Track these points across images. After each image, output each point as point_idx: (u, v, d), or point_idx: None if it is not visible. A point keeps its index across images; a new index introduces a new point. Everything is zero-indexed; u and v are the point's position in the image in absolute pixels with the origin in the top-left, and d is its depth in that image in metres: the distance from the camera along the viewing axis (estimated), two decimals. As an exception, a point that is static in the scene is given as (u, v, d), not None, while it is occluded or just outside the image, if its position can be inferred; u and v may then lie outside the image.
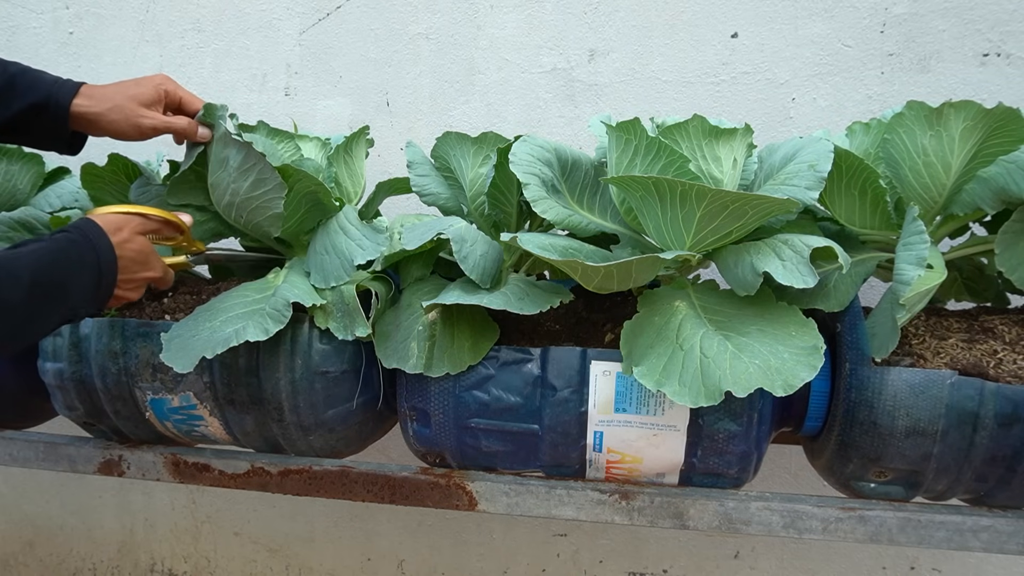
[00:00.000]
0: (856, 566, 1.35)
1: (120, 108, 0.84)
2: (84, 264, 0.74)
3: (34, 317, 0.69)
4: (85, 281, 0.74)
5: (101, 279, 0.75)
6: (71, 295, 0.72)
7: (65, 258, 0.72)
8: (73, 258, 0.73)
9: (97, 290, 0.75)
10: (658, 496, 0.81)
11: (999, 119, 0.72)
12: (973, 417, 0.72)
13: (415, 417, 0.86)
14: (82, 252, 0.74)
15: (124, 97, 0.84)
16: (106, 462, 0.98)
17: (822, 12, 1.15)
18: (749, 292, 0.75)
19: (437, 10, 1.30)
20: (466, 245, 0.82)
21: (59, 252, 0.72)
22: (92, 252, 0.74)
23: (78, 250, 0.74)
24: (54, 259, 0.71)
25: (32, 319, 0.69)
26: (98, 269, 0.75)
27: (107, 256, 0.76)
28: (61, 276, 0.71)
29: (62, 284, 0.71)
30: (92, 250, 0.74)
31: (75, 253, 0.73)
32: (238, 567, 1.71)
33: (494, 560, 1.53)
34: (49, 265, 0.70)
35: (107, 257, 0.76)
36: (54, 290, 0.70)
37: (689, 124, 0.78)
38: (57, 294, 0.71)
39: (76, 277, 0.73)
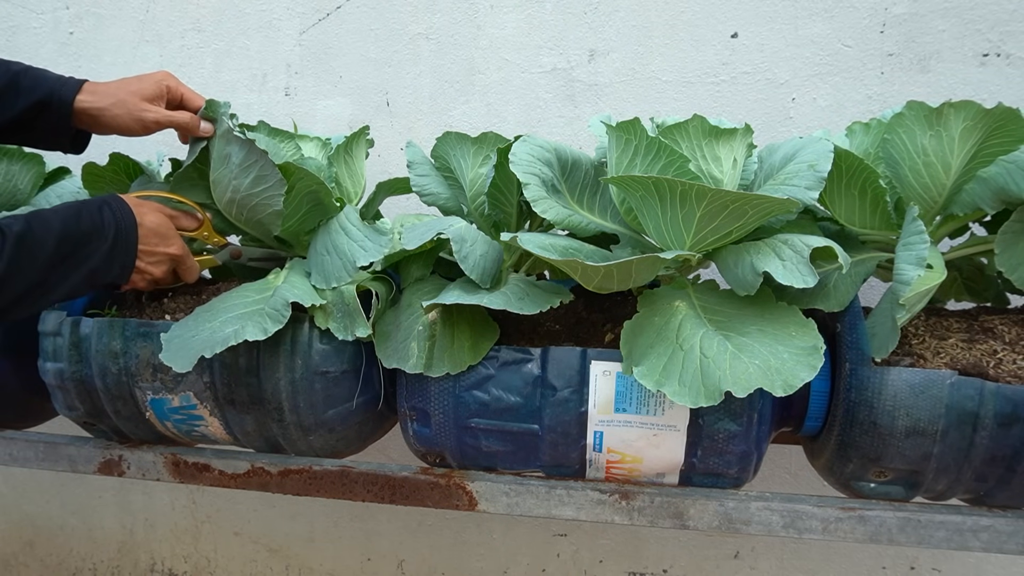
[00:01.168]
0: (856, 566, 1.35)
1: (123, 103, 0.85)
2: (105, 225, 0.79)
3: (61, 270, 0.75)
4: (106, 244, 0.79)
5: (121, 242, 0.80)
6: (93, 255, 0.78)
7: (89, 217, 0.78)
8: (96, 219, 0.78)
9: (113, 255, 0.79)
10: (658, 496, 0.81)
11: (999, 119, 0.72)
12: (973, 417, 0.72)
13: (415, 417, 0.86)
14: (103, 215, 0.79)
15: (126, 92, 0.85)
16: (106, 462, 0.98)
17: (822, 12, 1.15)
18: (749, 292, 0.75)
19: (437, 10, 1.30)
20: (466, 245, 0.82)
21: (84, 210, 0.78)
22: (112, 216, 0.80)
23: (100, 212, 0.79)
24: (79, 217, 0.77)
25: (59, 272, 0.75)
26: (117, 231, 0.79)
27: (127, 221, 0.81)
28: (85, 234, 0.77)
29: (86, 242, 0.77)
30: (112, 214, 0.80)
31: (97, 215, 0.79)
32: (238, 567, 1.71)
33: (494, 560, 1.53)
34: (75, 221, 0.76)
35: (127, 222, 0.81)
36: (79, 247, 0.76)
37: (689, 124, 0.78)
38: (82, 252, 0.77)
39: (98, 237, 0.78)
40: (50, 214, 0.76)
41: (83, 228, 0.77)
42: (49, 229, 0.74)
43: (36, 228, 0.73)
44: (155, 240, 0.84)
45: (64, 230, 0.75)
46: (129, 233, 0.81)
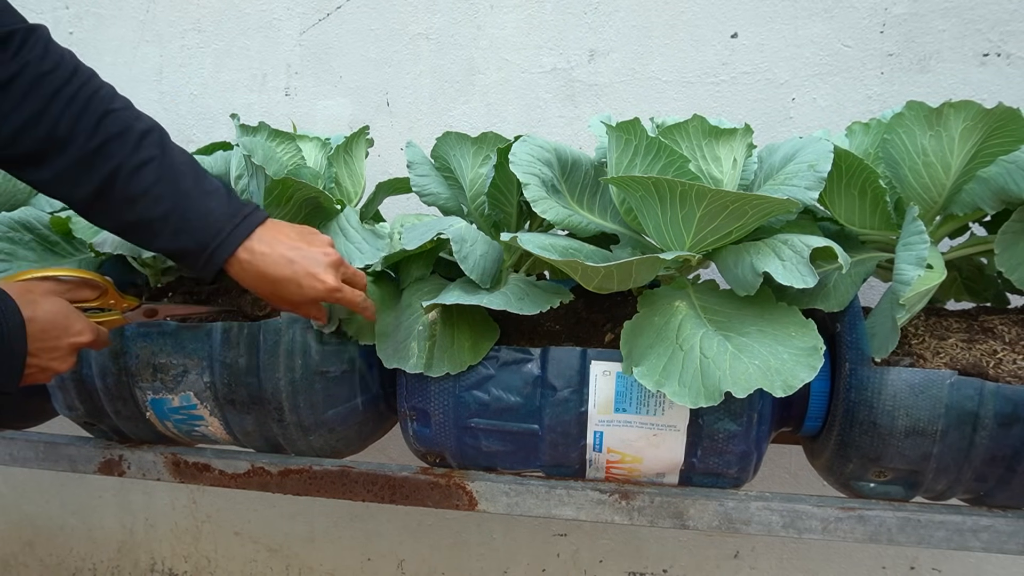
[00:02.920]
0: (856, 566, 1.35)
1: (272, 301, 0.79)
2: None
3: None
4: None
5: (7, 346, 0.67)
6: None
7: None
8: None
9: (8, 359, 0.67)
10: (658, 496, 0.81)
11: (999, 119, 0.72)
12: (973, 417, 0.72)
13: (415, 417, 0.86)
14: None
15: (276, 297, 0.78)
16: (106, 462, 0.98)
17: (822, 12, 1.15)
18: (749, 292, 0.75)
19: (437, 10, 1.30)
20: (466, 245, 0.82)
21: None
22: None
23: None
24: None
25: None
26: (2, 336, 0.66)
27: (13, 320, 0.67)
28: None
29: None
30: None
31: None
32: (238, 567, 1.71)
33: (494, 560, 1.53)
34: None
35: (13, 321, 0.67)
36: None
37: (689, 124, 0.78)
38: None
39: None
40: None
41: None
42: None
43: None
44: (54, 333, 0.71)
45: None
46: (16, 339, 0.68)
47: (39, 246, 0.99)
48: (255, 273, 0.76)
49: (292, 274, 0.76)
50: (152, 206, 0.73)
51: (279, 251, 0.76)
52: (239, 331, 0.87)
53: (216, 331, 0.87)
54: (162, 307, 0.88)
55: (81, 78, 0.73)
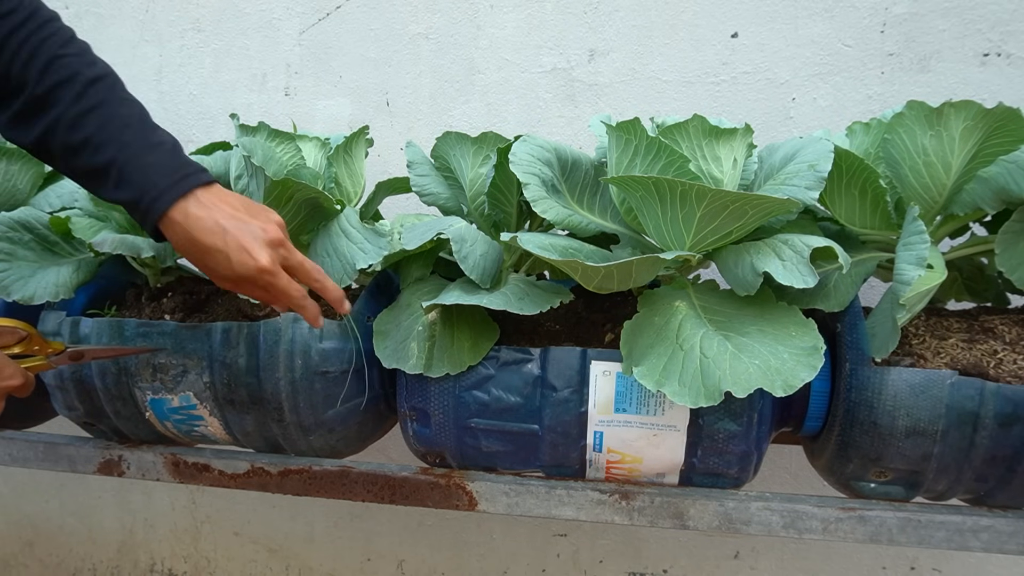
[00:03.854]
0: (856, 566, 1.35)
1: (200, 267, 0.75)
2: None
3: None
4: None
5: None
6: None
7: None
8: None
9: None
10: (658, 496, 0.81)
11: (999, 119, 0.72)
12: (973, 417, 0.72)
13: (415, 417, 0.86)
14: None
15: (203, 266, 0.74)
16: (106, 462, 0.98)
17: (822, 12, 1.15)
18: (749, 292, 0.75)
19: (437, 10, 1.30)
20: (466, 245, 0.82)
21: None
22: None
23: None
24: None
25: None
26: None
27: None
28: None
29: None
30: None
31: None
32: (238, 567, 1.71)
33: (494, 560, 1.53)
34: None
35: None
36: None
37: (689, 124, 0.78)
38: None
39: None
40: None
41: None
42: None
43: None
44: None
45: None
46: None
47: (38, 246, 0.99)
48: (186, 238, 0.71)
49: (223, 245, 0.71)
50: (93, 154, 0.71)
51: (215, 217, 0.71)
52: (239, 331, 0.86)
53: (216, 331, 0.87)
54: (88, 350, 0.87)
55: (37, 21, 0.72)
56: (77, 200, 1.10)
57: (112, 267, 1.03)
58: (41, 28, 0.72)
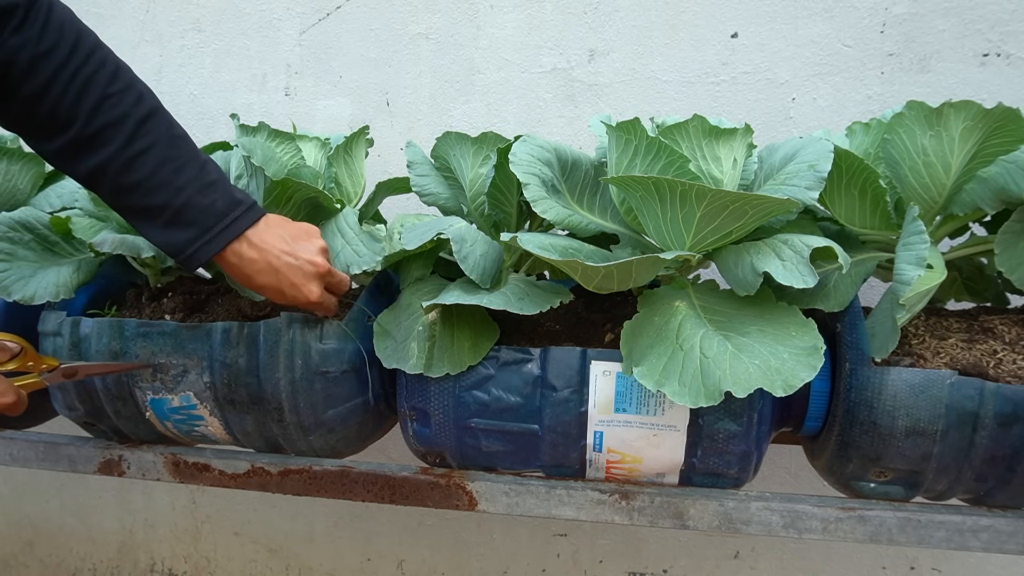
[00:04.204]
0: (856, 566, 1.35)
1: None
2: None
3: None
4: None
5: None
6: None
7: None
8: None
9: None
10: (658, 496, 0.81)
11: (999, 119, 0.72)
12: (973, 417, 0.72)
13: (415, 417, 0.86)
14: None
15: (262, 295, 0.81)
16: (106, 462, 0.98)
17: (822, 12, 1.15)
18: (749, 292, 0.75)
19: (437, 10, 1.30)
20: (466, 245, 0.82)
21: None
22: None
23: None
24: None
25: None
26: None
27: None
28: None
29: None
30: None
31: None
32: (238, 567, 1.71)
33: (494, 560, 1.53)
34: None
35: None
36: None
37: (689, 124, 0.78)
38: None
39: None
40: None
41: None
42: None
43: None
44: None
45: None
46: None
47: (39, 246, 0.99)
48: (240, 275, 0.78)
49: (276, 283, 0.78)
50: (145, 196, 0.73)
51: (267, 258, 0.77)
52: (239, 331, 0.86)
53: (216, 331, 0.87)
54: (82, 366, 0.87)
55: (81, 55, 0.71)
56: (77, 200, 1.10)
57: (112, 267, 1.04)
58: (86, 63, 0.72)
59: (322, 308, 0.83)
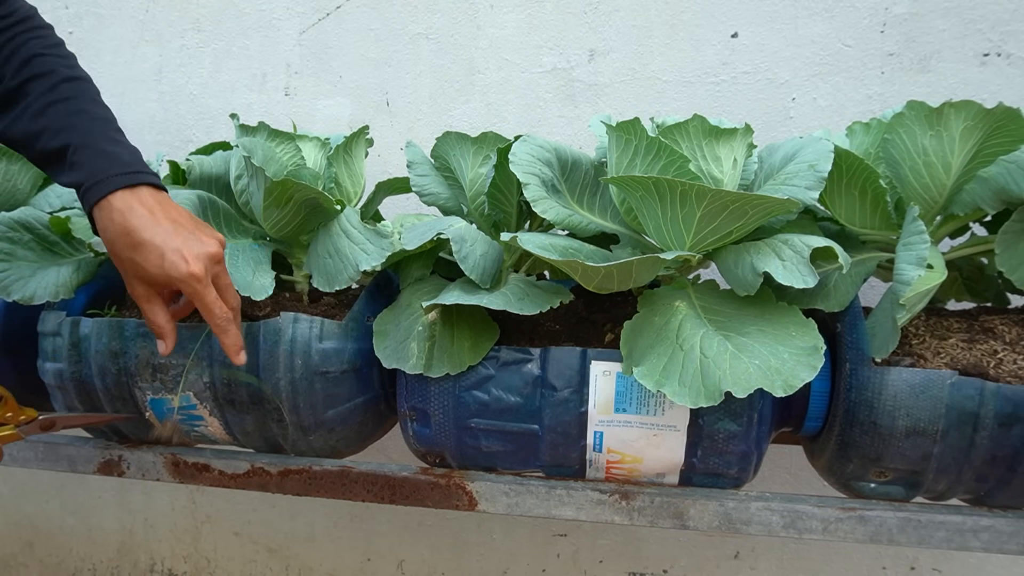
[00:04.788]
0: (856, 566, 1.35)
1: (120, 262, 0.73)
2: None
3: None
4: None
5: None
6: None
7: None
8: None
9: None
10: (658, 496, 0.81)
11: (999, 119, 0.72)
12: (973, 417, 0.72)
13: (415, 417, 0.86)
14: None
15: (128, 259, 0.72)
16: (106, 462, 0.98)
17: (822, 12, 1.15)
18: (749, 292, 0.75)
19: (437, 10, 1.30)
20: (466, 245, 0.82)
21: None
22: None
23: None
24: None
25: None
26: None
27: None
28: None
29: None
30: None
31: None
32: (238, 567, 1.71)
33: (494, 560, 1.53)
34: None
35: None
36: None
37: (689, 124, 0.78)
38: None
39: None
40: None
41: None
42: None
43: None
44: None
45: None
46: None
47: (38, 246, 0.99)
48: (122, 227, 0.70)
49: (160, 243, 0.70)
50: (51, 139, 0.72)
51: (158, 217, 0.71)
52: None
53: (216, 331, 0.87)
54: (60, 418, 0.87)
55: (27, 24, 0.74)
56: (77, 200, 1.10)
57: (112, 267, 1.03)
58: (29, 31, 0.74)
59: (204, 302, 0.73)
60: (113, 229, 0.71)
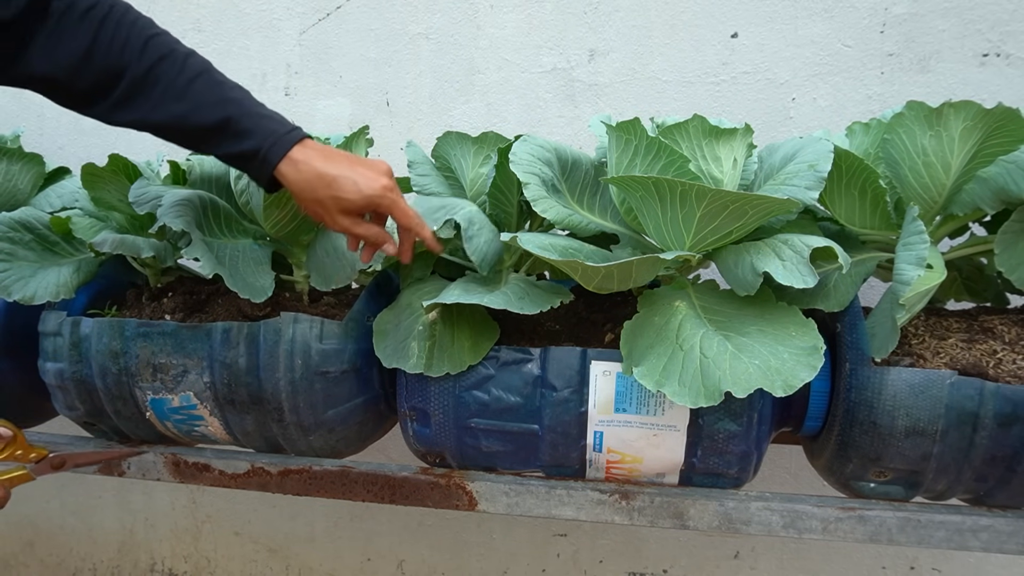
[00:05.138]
0: (856, 566, 1.35)
1: (319, 203, 0.79)
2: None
3: None
4: None
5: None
6: None
7: None
8: None
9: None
10: (658, 496, 0.81)
11: (999, 119, 0.72)
12: (973, 417, 0.72)
13: (415, 417, 0.86)
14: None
15: (329, 196, 0.79)
16: (106, 462, 0.98)
17: (822, 12, 1.15)
18: (749, 292, 0.75)
19: (437, 10, 1.30)
20: (474, 227, 0.83)
21: None
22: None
23: None
24: None
25: None
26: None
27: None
28: None
29: None
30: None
31: None
32: (238, 567, 1.71)
33: (494, 560, 1.53)
34: None
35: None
36: None
37: (689, 124, 0.78)
38: None
39: None
40: None
41: None
42: None
43: None
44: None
45: None
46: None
47: (39, 246, 0.99)
48: (313, 172, 0.78)
49: (350, 171, 0.79)
50: (208, 114, 0.77)
51: (334, 156, 0.80)
52: (239, 331, 0.87)
53: (216, 331, 0.87)
54: (70, 456, 0.87)
55: (119, 10, 0.76)
56: (78, 200, 1.10)
57: (112, 267, 1.04)
58: (125, 15, 0.77)
59: (400, 208, 0.82)
60: (306, 176, 0.79)
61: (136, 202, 0.93)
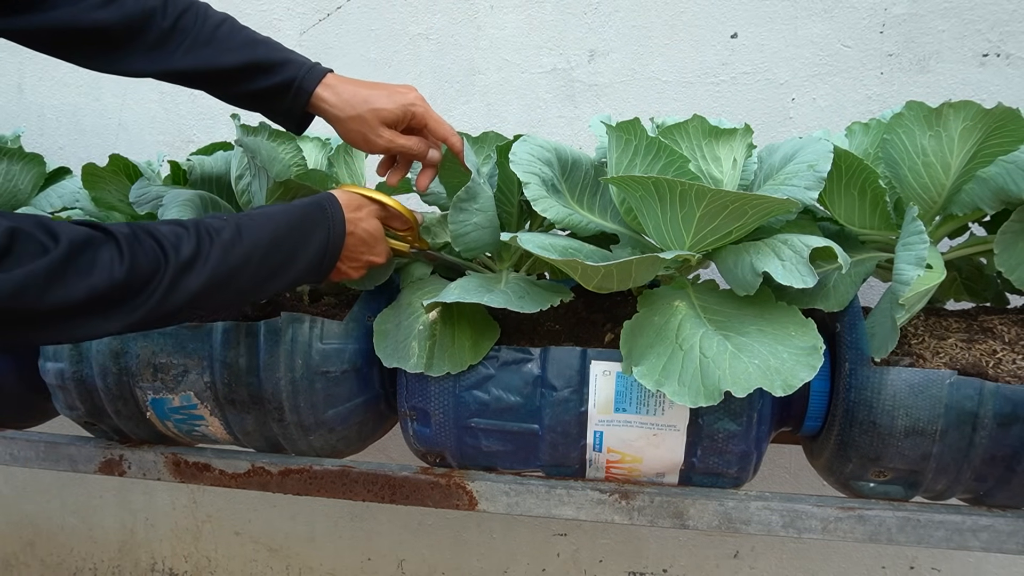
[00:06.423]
0: (856, 566, 1.35)
1: (360, 119, 0.84)
2: (316, 235, 0.77)
3: (266, 277, 0.73)
4: (312, 251, 0.77)
5: (327, 252, 0.78)
6: (298, 262, 0.76)
7: (300, 226, 0.76)
8: (307, 227, 0.77)
9: (321, 261, 0.78)
10: (658, 496, 0.82)
11: (998, 119, 0.72)
12: (972, 417, 0.72)
13: (415, 417, 0.86)
14: (316, 223, 0.78)
15: (368, 109, 0.83)
16: (107, 462, 0.98)
17: (822, 12, 1.15)
18: (749, 292, 0.75)
19: (437, 10, 1.30)
20: (476, 203, 0.84)
21: (297, 220, 0.76)
22: (325, 225, 0.78)
23: (313, 221, 0.78)
24: (291, 226, 0.75)
25: (263, 279, 0.73)
26: (327, 242, 0.78)
27: (338, 231, 0.79)
28: (294, 243, 0.75)
29: (293, 251, 0.75)
30: (326, 223, 0.78)
31: (310, 223, 0.77)
32: (238, 567, 1.71)
33: (494, 560, 1.53)
34: (286, 230, 0.74)
35: (338, 231, 0.79)
36: (286, 256, 0.75)
37: (689, 124, 0.78)
38: (287, 260, 0.75)
39: (305, 246, 0.76)
40: (263, 222, 0.73)
41: (289, 245, 0.75)
42: (257, 244, 0.71)
43: (246, 239, 0.70)
44: (361, 249, 0.83)
45: (273, 242, 0.73)
46: (336, 245, 0.79)
47: (40, 246, 0.99)
48: (348, 91, 0.84)
49: (383, 87, 0.85)
50: (236, 55, 0.81)
51: (360, 80, 0.85)
52: (239, 331, 0.87)
53: (217, 331, 0.87)
54: (431, 254, 0.95)
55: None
56: (78, 200, 1.10)
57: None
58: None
59: (434, 117, 0.87)
60: (344, 97, 0.84)
61: (137, 202, 0.93)
